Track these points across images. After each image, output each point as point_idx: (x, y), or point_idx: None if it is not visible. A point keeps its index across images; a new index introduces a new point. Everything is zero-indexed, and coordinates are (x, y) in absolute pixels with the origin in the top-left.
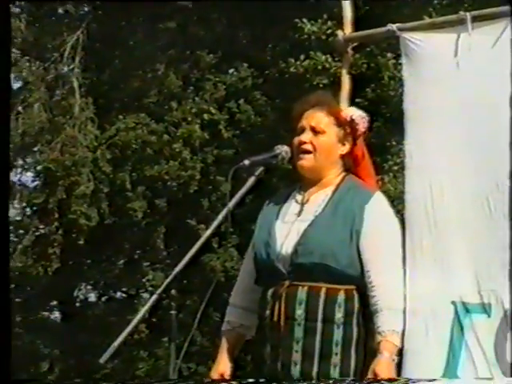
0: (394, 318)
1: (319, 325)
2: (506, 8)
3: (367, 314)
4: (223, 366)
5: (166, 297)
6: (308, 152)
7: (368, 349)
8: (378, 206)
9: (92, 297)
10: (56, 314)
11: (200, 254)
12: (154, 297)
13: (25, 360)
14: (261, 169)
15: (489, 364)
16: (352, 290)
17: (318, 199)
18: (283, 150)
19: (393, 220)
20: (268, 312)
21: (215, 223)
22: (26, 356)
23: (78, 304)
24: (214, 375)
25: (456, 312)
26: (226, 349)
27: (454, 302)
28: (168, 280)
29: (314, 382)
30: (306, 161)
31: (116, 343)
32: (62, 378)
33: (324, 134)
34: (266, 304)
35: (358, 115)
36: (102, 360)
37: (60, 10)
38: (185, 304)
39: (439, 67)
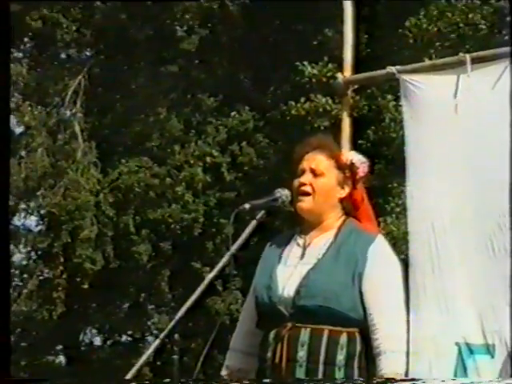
0: (397, 360)
1: (321, 367)
2: (505, 49)
3: (369, 356)
4: None
5: (170, 340)
6: (307, 194)
7: None
8: (380, 250)
9: (97, 340)
10: (61, 358)
11: (204, 296)
12: (158, 341)
13: None
14: (262, 212)
15: None
16: (354, 332)
17: (320, 243)
18: (284, 193)
19: (395, 263)
20: (270, 354)
21: (219, 266)
22: None
23: (83, 348)
24: None
25: (460, 353)
26: None
27: (457, 343)
28: (171, 324)
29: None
30: (305, 203)
31: None
32: None
33: (324, 176)
34: (267, 346)
35: (358, 159)
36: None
37: (62, 55)
38: (189, 347)
39: (439, 109)
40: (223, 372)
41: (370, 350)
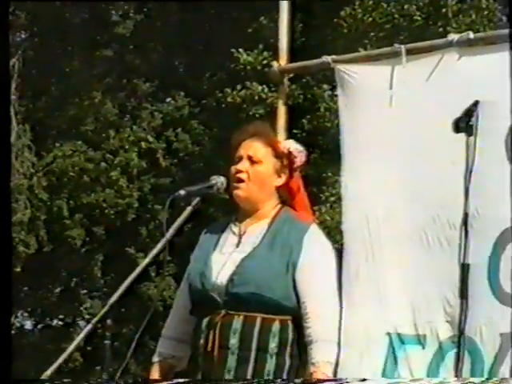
0: (328, 349)
1: (252, 354)
2: (440, 41)
3: (301, 344)
4: None
5: (102, 326)
6: (242, 181)
7: (302, 380)
8: (314, 238)
9: (28, 324)
10: None
11: (137, 282)
12: (89, 326)
13: None
14: (197, 199)
15: None
16: (287, 320)
17: (255, 231)
18: (219, 180)
19: (329, 253)
20: (202, 341)
21: (153, 252)
22: None
23: (13, 331)
24: None
25: (391, 343)
26: (156, 380)
27: (388, 333)
28: (104, 310)
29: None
30: (241, 190)
31: (49, 371)
32: None
33: (261, 164)
34: (200, 333)
35: (296, 148)
36: None
37: None
38: (121, 333)
39: (374, 100)
40: (155, 359)
41: (302, 338)
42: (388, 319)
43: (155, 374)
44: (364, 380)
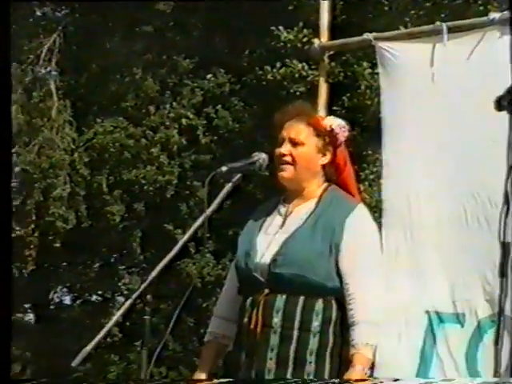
0: (369, 331)
1: (295, 333)
2: (481, 19)
3: (345, 324)
4: (204, 374)
5: (141, 301)
6: (287, 163)
7: (343, 359)
8: (358, 220)
9: (67, 300)
10: (30, 316)
11: (177, 259)
12: (129, 301)
13: None
14: (238, 175)
15: (459, 373)
16: (331, 300)
17: (301, 212)
18: (261, 157)
19: (373, 234)
20: (246, 320)
21: (192, 229)
22: None
23: (52, 307)
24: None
25: (430, 321)
26: (207, 359)
27: (427, 312)
28: (144, 285)
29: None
30: (286, 172)
31: (89, 347)
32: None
33: (303, 145)
34: (244, 312)
35: (337, 125)
36: (74, 363)
37: (38, 12)
38: (159, 309)
39: (415, 77)
40: (207, 338)
41: (346, 318)
42: (427, 298)
43: (207, 353)
44: (397, 380)
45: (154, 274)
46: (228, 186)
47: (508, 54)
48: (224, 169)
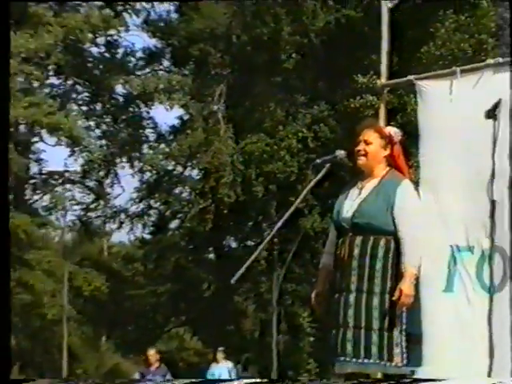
0: (415, 256)
1: (367, 259)
2: (480, 64)
3: (398, 253)
4: (320, 287)
5: (272, 244)
6: (363, 156)
7: (398, 275)
8: (404, 189)
9: (233, 244)
10: (211, 255)
11: (297, 218)
12: (260, 249)
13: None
14: (328, 164)
15: (472, 282)
16: (390, 239)
17: (370, 185)
18: (341, 153)
19: (415, 198)
20: (338, 252)
21: (299, 199)
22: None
23: (225, 249)
24: (313, 294)
25: (452, 251)
26: (322, 277)
27: (451, 245)
28: (270, 236)
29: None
30: (362, 161)
31: (241, 270)
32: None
33: (371, 144)
34: (337, 247)
35: (393, 131)
36: (232, 281)
37: (212, 72)
38: (287, 248)
39: (440, 102)
40: (320, 265)
41: (399, 249)
42: (450, 236)
43: (321, 274)
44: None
45: (277, 226)
46: (322, 171)
47: (499, 85)
48: (318, 161)
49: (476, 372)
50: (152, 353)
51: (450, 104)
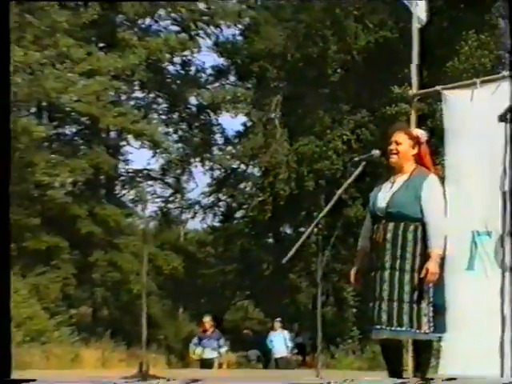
0: (439, 240)
1: (399, 242)
2: (498, 76)
3: (425, 237)
4: (358, 266)
5: (319, 229)
6: (394, 154)
7: (425, 255)
8: (430, 183)
9: (289, 231)
10: (270, 240)
11: (341, 208)
12: (307, 232)
13: None
14: (364, 162)
15: (490, 262)
16: (418, 225)
17: (400, 180)
18: (376, 152)
19: (439, 190)
20: (374, 236)
21: (340, 190)
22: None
23: (282, 234)
24: (352, 272)
25: (473, 235)
26: (359, 258)
27: (472, 231)
28: (316, 221)
29: None
30: (393, 159)
31: (292, 252)
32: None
33: (401, 144)
34: (373, 232)
35: (421, 133)
36: (284, 261)
37: (271, 85)
38: (334, 233)
39: (462, 108)
40: (359, 247)
41: (426, 233)
42: (472, 223)
43: (359, 255)
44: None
45: (323, 213)
46: (360, 168)
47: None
48: (356, 159)
49: (491, 339)
50: (207, 320)
51: (471, 110)
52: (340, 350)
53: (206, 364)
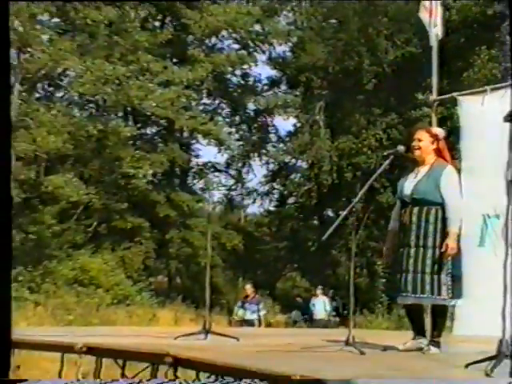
0: (456, 220)
1: (423, 223)
2: (507, 84)
3: (445, 218)
4: (389, 244)
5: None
6: (417, 149)
7: (445, 234)
8: (448, 173)
9: (331, 214)
10: (316, 222)
11: (375, 195)
12: (345, 212)
13: None
14: (392, 156)
15: (499, 240)
16: (438, 208)
17: (423, 171)
18: (401, 148)
19: (456, 179)
20: (402, 218)
21: (372, 178)
22: None
23: (325, 217)
24: (384, 248)
25: (484, 218)
26: (390, 237)
27: (483, 214)
28: (351, 206)
29: None
30: (417, 153)
31: (330, 230)
32: None
33: (422, 141)
34: (401, 215)
35: (439, 130)
36: (323, 238)
37: (315, 92)
38: (369, 216)
39: (475, 111)
40: (389, 228)
41: (445, 216)
42: (483, 207)
43: (389, 236)
44: None
45: (355, 200)
46: (387, 161)
47: None
48: (385, 153)
49: (498, 304)
50: (248, 286)
51: (483, 113)
52: (371, 313)
53: (247, 324)
